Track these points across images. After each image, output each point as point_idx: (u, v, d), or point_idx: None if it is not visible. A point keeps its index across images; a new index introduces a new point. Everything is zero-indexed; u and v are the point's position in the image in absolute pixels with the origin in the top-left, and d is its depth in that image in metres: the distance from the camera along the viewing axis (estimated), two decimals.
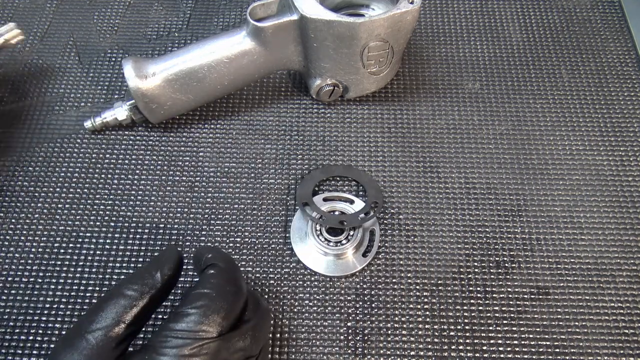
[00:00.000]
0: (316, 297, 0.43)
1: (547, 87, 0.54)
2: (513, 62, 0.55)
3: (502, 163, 0.49)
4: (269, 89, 0.54)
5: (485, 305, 0.43)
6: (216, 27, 0.58)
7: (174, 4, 0.60)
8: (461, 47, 0.56)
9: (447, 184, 0.48)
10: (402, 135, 0.51)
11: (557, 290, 0.43)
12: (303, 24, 0.44)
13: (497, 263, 0.45)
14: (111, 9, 0.59)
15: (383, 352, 0.41)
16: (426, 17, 0.58)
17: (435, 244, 0.45)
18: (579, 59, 0.55)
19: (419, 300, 0.43)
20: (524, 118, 0.52)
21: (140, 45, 0.57)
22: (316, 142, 0.50)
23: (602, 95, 0.53)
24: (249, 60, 0.47)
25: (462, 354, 0.41)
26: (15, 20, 0.58)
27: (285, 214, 0.47)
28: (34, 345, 0.41)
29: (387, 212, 0.47)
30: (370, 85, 0.51)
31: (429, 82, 0.54)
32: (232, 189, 0.48)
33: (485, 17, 0.58)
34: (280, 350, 0.41)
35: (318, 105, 0.53)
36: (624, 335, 0.42)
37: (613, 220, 0.46)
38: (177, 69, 0.46)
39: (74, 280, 0.44)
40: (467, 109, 0.52)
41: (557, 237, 0.46)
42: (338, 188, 0.48)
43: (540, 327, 0.42)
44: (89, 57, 0.56)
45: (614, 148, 0.50)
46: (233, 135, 0.51)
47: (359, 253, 0.44)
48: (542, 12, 0.59)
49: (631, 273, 0.44)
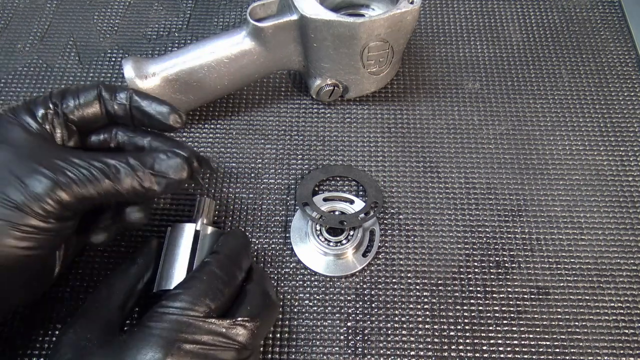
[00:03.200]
0: (316, 297, 0.43)
1: (547, 87, 0.54)
2: (513, 62, 0.55)
3: (502, 163, 0.49)
4: (269, 89, 0.54)
5: (485, 305, 0.43)
6: (216, 27, 0.58)
7: (174, 4, 0.60)
8: (461, 47, 0.56)
9: (447, 184, 0.48)
10: (402, 135, 0.51)
11: (557, 290, 0.43)
12: (303, 24, 0.44)
13: (497, 263, 0.45)
14: (111, 9, 0.59)
15: (383, 352, 0.41)
16: (426, 17, 0.58)
17: (435, 244, 0.45)
18: (579, 59, 0.55)
19: (419, 300, 0.43)
20: (524, 118, 0.52)
21: (140, 45, 0.57)
22: (316, 142, 0.50)
23: (602, 95, 0.53)
24: (249, 60, 0.47)
25: (462, 354, 0.41)
26: (15, 20, 0.58)
27: (285, 214, 0.47)
28: (34, 345, 0.41)
29: (387, 212, 0.47)
30: (370, 85, 0.51)
31: (429, 82, 0.54)
32: (232, 189, 0.48)
33: (485, 17, 0.58)
34: (280, 350, 0.41)
35: (318, 105, 0.53)
36: (624, 335, 0.42)
37: (613, 220, 0.46)
38: (177, 69, 0.46)
39: (75, 278, 0.44)
40: (467, 109, 0.52)
41: (557, 237, 0.46)
42: (338, 188, 0.48)
43: (540, 327, 0.42)
44: (89, 57, 0.56)
45: (614, 148, 0.50)
46: (233, 135, 0.51)
47: (359, 253, 0.44)
48: (542, 12, 0.59)
49: (631, 273, 0.44)
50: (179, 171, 0.36)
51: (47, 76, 0.54)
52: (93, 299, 0.36)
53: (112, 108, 0.37)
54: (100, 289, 0.37)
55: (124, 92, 0.38)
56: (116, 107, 0.37)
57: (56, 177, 0.32)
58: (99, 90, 0.37)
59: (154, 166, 0.35)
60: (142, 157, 0.35)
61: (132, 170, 0.34)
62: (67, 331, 0.33)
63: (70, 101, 0.36)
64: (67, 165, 0.33)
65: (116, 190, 0.34)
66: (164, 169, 0.35)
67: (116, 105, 0.37)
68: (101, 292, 0.36)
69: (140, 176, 0.34)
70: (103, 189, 0.33)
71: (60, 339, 0.33)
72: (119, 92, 0.38)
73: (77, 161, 0.33)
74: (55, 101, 0.36)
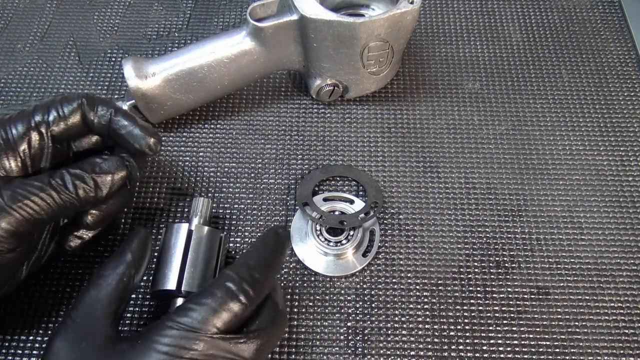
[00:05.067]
0: (316, 297, 0.43)
1: (547, 87, 0.54)
2: (513, 62, 0.55)
3: (502, 163, 0.49)
4: (269, 89, 0.54)
5: (485, 305, 0.43)
6: (216, 27, 0.58)
7: (174, 4, 0.60)
8: (461, 47, 0.56)
9: (447, 184, 0.48)
10: (402, 135, 0.51)
11: (557, 290, 0.43)
12: (303, 24, 0.44)
13: (497, 263, 0.45)
14: (111, 9, 0.59)
15: (383, 352, 0.41)
16: (426, 17, 0.58)
17: (435, 244, 0.45)
18: (579, 59, 0.55)
19: (419, 300, 0.43)
20: (524, 118, 0.52)
21: (140, 45, 0.57)
22: (316, 142, 0.50)
23: (602, 95, 0.53)
24: (249, 60, 0.47)
25: (462, 354, 0.41)
26: (15, 20, 0.58)
27: (285, 214, 0.47)
28: (34, 346, 0.41)
29: (387, 212, 0.47)
30: (370, 85, 0.51)
31: (429, 82, 0.54)
32: (232, 189, 0.48)
33: (485, 17, 0.58)
34: (280, 350, 0.41)
35: (318, 105, 0.53)
36: (624, 335, 0.42)
37: (613, 220, 0.46)
38: (177, 69, 0.46)
39: (75, 277, 0.44)
40: (467, 109, 0.52)
41: (557, 237, 0.46)
42: (338, 188, 0.48)
43: (540, 327, 0.42)
44: (89, 57, 0.56)
45: (614, 148, 0.50)
46: (233, 135, 0.51)
47: (359, 253, 0.44)
48: (542, 12, 0.59)
49: (631, 273, 0.44)
50: (119, 169, 0.37)
51: (47, 76, 0.54)
52: (83, 303, 0.33)
53: (91, 124, 0.38)
54: (89, 291, 0.34)
55: (104, 109, 0.38)
56: (96, 124, 0.38)
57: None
58: (82, 104, 0.38)
59: (95, 170, 0.36)
60: (81, 165, 0.36)
61: (77, 179, 0.35)
62: (59, 339, 0.32)
63: (53, 116, 0.37)
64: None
65: (61, 202, 0.34)
66: (105, 170, 0.36)
67: (96, 122, 0.38)
68: (91, 294, 0.34)
69: (87, 182, 0.35)
70: (46, 206, 0.34)
71: (51, 347, 0.32)
72: (99, 107, 0.38)
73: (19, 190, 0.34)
74: (37, 119, 0.37)
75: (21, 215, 0.33)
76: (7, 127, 0.36)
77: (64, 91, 0.53)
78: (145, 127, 0.38)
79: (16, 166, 0.36)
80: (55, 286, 0.43)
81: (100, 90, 0.53)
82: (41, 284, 0.43)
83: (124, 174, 0.37)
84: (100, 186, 0.36)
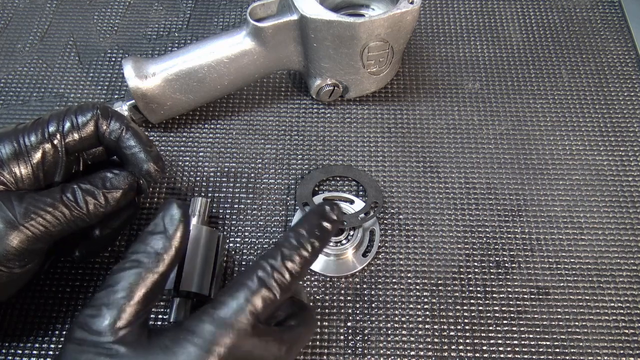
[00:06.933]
0: (316, 297, 0.43)
1: (547, 87, 0.54)
2: (513, 62, 0.55)
3: (502, 163, 0.49)
4: (269, 89, 0.54)
5: (485, 305, 0.43)
6: (216, 27, 0.58)
7: (174, 4, 0.60)
8: (461, 47, 0.56)
9: (447, 184, 0.48)
10: (402, 135, 0.51)
11: (557, 290, 0.43)
12: (303, 24, 0.44)
13: (497, 263, 0.45)
14: (111, 9, 0.59)
15: (383, 352, 0.41)
16: (426, 17, 0.58)
17: (435, 244, 0.45)
18: (579, 59, 0.55)
19: (419, 300, 0.43)
20: (524, 118, 0.52)
21: (140, 45, 0.57)
22: (316, 142, 0.50)
23: (602, 95, 0.53)
24: (249, 60, 0.47)
25: (462, 354, 0.41)
26: (15, 20, 0.58)
27: (285, 214, 0.47)
28: (34, 346, 0.41)
29: (387, 212, 0.47)
30: (370, 85, 0.51)
31: (429, 82, 0.54)
32: (232, 189, 0.48)
33: (485, 17, 0.58)
34: None
35: (318, 105, 0.53)
36: (624, 335, 0.42)
37: (613, 220, 0.46)
38: (177, 69, 0.46)
39: (75, 277, 0.44)
40: (467, 109, 0.52)
41: (557, 237, 0.46)
42: (338, 188, 0.48)
43: (540, 327, 0.42)
44: (89, 57, 0.56)
45: (614, 148, 0.50)
46: (233, 135, 0.51)
47: (359, 253, 0.44)
48: (542, 12, 0.59)
49: (631, 273, 0.44)
50: (129, 185, 0.37)
51: (47, 76, 0.54)
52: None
53: (102, 137, 0.38)
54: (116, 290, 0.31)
55: (117, 124, 0.37)
56: (106, 138, 0.37)
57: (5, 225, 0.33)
58: (96, 116, 0.37)
59: (106, 185, 0.36)
60: (92, 180, 0.36)
61: (88, 194, 0.35)
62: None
63: (67, 127, 0.37)
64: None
65: (70, 218, 0.34)
66: (116, 185, 0.36)
67: (107, 136, 0.37)
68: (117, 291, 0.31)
69: (97, 196, 0.35)
70: (58, 221, 0.34)
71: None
72: (112, 121, 0.37)
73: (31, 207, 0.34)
74: (52, 129, 0.36)
75: (32, 233, 0.33)
76: (21, 137, 0.36)
77: (64, 91, 0.53)
78: (151, 152, 0.38)
79: (27, 176, 0.35)
80: (55, 286, 0.43)
81: (100, 90, 0.53)
82: (41, 284, 0.43)
83: (134, 190, 0.37)
84: (111, 201, 0.36)
